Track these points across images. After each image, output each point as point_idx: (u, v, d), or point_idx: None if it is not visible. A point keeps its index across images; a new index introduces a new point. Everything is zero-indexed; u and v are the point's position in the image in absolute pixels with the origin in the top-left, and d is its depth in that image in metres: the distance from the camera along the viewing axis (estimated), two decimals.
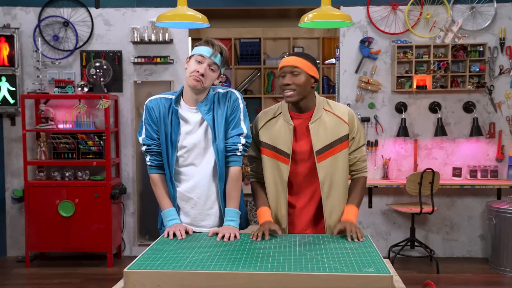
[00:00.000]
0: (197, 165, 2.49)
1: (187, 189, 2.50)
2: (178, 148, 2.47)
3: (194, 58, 2.44)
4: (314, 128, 2.43)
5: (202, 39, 2.51)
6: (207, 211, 2.52)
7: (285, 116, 2.48)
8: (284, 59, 2.45)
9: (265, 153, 2.51)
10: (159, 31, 5.44)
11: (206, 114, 2.45)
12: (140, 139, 2.52)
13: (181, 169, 2.51)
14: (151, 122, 2.49)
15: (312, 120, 2.44)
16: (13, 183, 5.61)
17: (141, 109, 5.53)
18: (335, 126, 2.45)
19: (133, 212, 5.64)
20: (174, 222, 2.46)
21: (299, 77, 2.38)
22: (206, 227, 2.53)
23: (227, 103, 2.49)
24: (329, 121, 2.45)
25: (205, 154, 2.48)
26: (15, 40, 5.40)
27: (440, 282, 4.78)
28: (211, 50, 2.42)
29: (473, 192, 5.50)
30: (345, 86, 5.51)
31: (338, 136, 2.44)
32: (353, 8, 5.42)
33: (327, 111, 2.47)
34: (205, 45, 2.44)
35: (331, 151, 2.44)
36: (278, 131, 2.47)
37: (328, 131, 2.43)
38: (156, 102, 2.50)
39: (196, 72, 2.39)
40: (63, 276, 5.01)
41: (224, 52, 2.47)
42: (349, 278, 1.83)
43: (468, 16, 5.41)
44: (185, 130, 2.47)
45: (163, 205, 2.51)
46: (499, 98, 5.45)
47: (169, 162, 2.49)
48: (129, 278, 1.89)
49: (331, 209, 2.48)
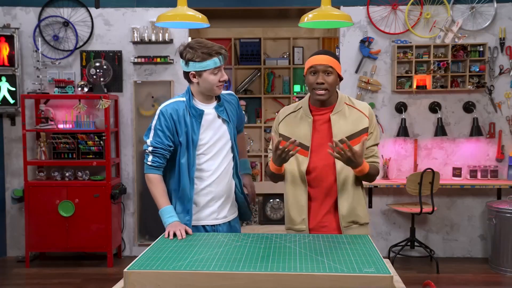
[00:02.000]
0: (218, 160, 2.65)
1: (209, 184, 2.64)
2: (198, 146, 2.60)
3: (209, 72, 2.53)
4: (335, 119, 2.50)
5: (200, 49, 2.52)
6: (226, 204, 2.71)
7: (304, 110, 2.55)
8: (317, 57, 2.48)
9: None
10: (159, 31, 5.44)
11: (222, 113, 2.66)
12: (148, 141, 2.59)
13: (202, 165, 2.63)
14: (165, 129, 2.57)
15: (334, 112, 2.51)
16: (13, 183, 5.62)
17: (141, 109, 5.53)
18: (356, 119, 2.52)
19: (133, 212, 5.64)
20: (173, 219, 2.48)
21: (332, 76, 2.46)
22: (226, 218, 2.71)
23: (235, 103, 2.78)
24: (350, 114, 2.52)
25: (224, 149, 2.67)
26: (15, 40, 5.40)
27: (440, 282, 4.78)
28: (221, 57, 2.54)
29: (473, 192, 5.50)
30: (345, 86, 5.51)
31: (358, 128, 2.50)
32: (353, 8, 5.42)
33: (349, 105, 2.55)
34: (216, 55, 2.52)
35: (351, 143, 2.43)
36: (298, 124, 2.55)
37: (349, 123, 2.50)
38: (172, 107, 2.60)
39: (222, 81, 2.57)
40: (63, 276, 5.01)
41: (223, 49, 2.58)
42: (349, 278, 1.83)
43: (468, 16, 5.41)
44: (205, 128, 2.62)
45: (162, 203, 2.55)
46: (499, 98, 5.45)
47: (189, 162, 2.60)
48: (129, 278, 1.89)
49: (346, 198, 2.51)
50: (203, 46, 2.52)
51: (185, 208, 2.62)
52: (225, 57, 2.57)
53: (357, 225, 2.54)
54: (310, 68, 2.47)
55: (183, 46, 2.59)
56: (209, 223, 2.68)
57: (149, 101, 5.54)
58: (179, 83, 5.50)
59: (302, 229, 2.54)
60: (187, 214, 2.62)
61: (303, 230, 2.53)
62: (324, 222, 2.53)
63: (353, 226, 2.53)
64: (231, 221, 2.76)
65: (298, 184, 2.54)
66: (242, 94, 6.81)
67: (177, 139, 2.60)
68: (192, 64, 2.53)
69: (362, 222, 2.56)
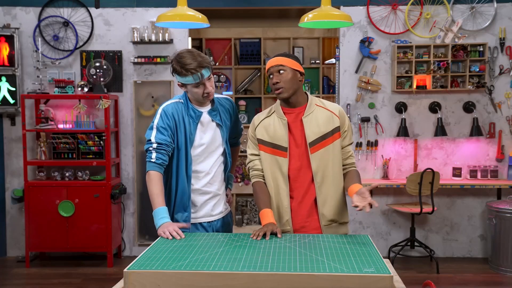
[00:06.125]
0: (212, 160, 2.73)
1: (205, 184, 2.72)
2: (195, 146, 2.68)
3: (191, 86, 2.60)
4: (307, 121, 2.56)
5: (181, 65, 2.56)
6: (221, 201, 2.81)
7: (278, 113, 2.61)
8: (269, 61, 2.61)
9: (263, 150, 2.61)
10: (159, 31, 5.44)
11: (215, 117, 2.73)
12: (152, 138, 2.62)
13: (198, 166, 2.70)
14: (167, 126, 2.63)
15: (305, 114, 2.57)
16: (13, 183, 5.62)
17: (141, 109, 5.53)
18: (326, 119, 2.58)
19: (133, 212, 5.64)
20: (165, 220, 2.51)
21: (286, 73, 2.53)
22: (218, 215, 2.80)
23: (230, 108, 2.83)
24: (321, 115, 2.58)
25: (217, 152, 2.75)
26: (15, 40, 5.40)
27: (440, 282, 4.78)
28: (199, 75, 2.55)
29: (473, 192, 5.50)
30: (345, 86, 5.51)
31: (329, 128, 2.57)
32: (353, 8, 5.42)
33: (319, 107, 2.61)
34: (191, 74, 2.55)
35: (323, 143, 2.55)
36: (273, 127, 2.59)
37: (320, 124, 2.56)
38: (173, 106, 2.67)
39: (206, 94, 2.62)
40: (63, 276, 5.01)
41: (206, 63, 2.58)
42: (349, 278, 1.84)
43: (468, 16, 5.41)
44: (201, 130, 2.70)
45: (158, 202, 2.57)
46: (499, 98, 5.45)
47: (187, 161, 2.67)
48: (129, 278, 1.89)
49: (325, 198, 2.57)
50: (183, 63, 2.56)
51: (184, 206, 2.70)
52: (202, 74, 2.56)
53: (336, 223, 2.60)
54: (267, 74, 2.59)
55: (173, 55, 2.67)
56: (205, 220, 2.77)
57: (149, 101, 5.54)
58: None
59: (286, 230, 2.58)
60: (185, 211, 2.70)
61: (287, 231, 2.57)
62: (305, 222, 2.58)
63: (333, 225, 2.59)
64: (224, 216, 2.86)
65: (280, 186, 2.58)
66: (242, 94, 6.82)
67: (176, 138, 2.66)
68: (177, 76, 2.63)
69: (342, 221, 2.62)
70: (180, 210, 2.71)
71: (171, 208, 2.70)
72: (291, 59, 2.55)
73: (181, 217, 2.69)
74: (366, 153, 5.53)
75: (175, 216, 2.70)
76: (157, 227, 2.50)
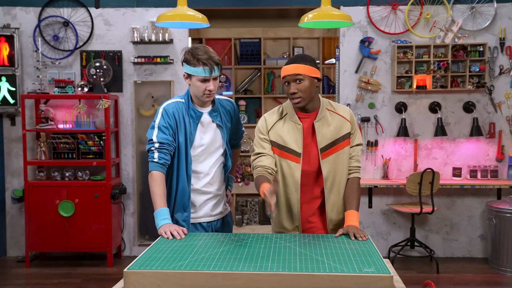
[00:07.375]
0: (212, 161, 2.74)
1: (206, 184, 2.74)
2: (195, 146, 2.69)
3: (197, 78, 2.59)
4: (319, 126, 2.51)
5: (194, 55, 2.59)
6: (220, 201, 2.83)
7: (292, 117, 2.53)
8: (285, 67, 2.47)
9: (275, 153, 2.55)
10: (159, 31, 5.44)
11: (216, 118, 2.73)
12: (154, 137, 2.62)
13: (198, 166, 2.71)
14: (168, 125, 2.63)
15: (317, 119, 2.51)
16: (13, 183, 5.62)
17: (141, 109, 5.53)
18: (338, 124, 2.53)
19: (133, 212, 5.64)
20: (166, 221, 2.50)
21: (303, 83, 2.43)
22: (218, 215, 2.81)
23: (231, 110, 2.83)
24: (332, 120, 2.53)
25: (217, 151, 2.76)
26: (15, 40, 5.40)
27: (440, 282, 4.78)
28: (209, 69, 2.56)
29: (473, 192, 5.50)
30: (345, 86, 5.51)
31: (341, 134, 2.53)
32: (353, 8, 5.42)
33: (330, 111, 2.56)
34: (202, 66, 2.56)
35: (334, 149, 2.52)
36: (287, 131, 2.52)
37: (331, 130, 2.52)
38: (174, 106, 2.68)
39: (208, 91, 2.61)
40: (63, 276, 5.01)
41: (218, 59, 2.62)
42: (349, 278, 1.84)
43: (468, 16, 5.41)
44: (201, 130, 2.71)
45: (159, 203, 2.56)
46: (499, 98, 5.45)
47: (187, 160, 2.67)
48: (129, 278, 1.89)
49: (333, 203, 2.56)
50: (196, 54, 2.58)
51: (183, 206, 2.71)
52: (213, 70, 2.57)
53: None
54: (283, 79, 2.49)
55: (188, 47, 2.69)
56: (205, 220, 2.77)
57: (149, 101, 5.54)
58: (179, 83, 5.50)
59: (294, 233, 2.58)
60: (185, 211, 2.71)
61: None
62: (312, 224, 2.58)
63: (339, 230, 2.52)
64: (224, 217, 2.87)
65: (291, 191, 2.54)
66: (242, 94, 6.81)
67: (177, 138, 2.67)
68: (186, 65, 2.63)
69: None
70: (180, 210, 2.71)
71: (171, 208, 2.70)
72: (308, 66, 2.44)
73: (181, 217, 2.70)
74: (366, 153, 5.53)
75: (175, 215, 2.71)
76: (158, 227, 2.50)
